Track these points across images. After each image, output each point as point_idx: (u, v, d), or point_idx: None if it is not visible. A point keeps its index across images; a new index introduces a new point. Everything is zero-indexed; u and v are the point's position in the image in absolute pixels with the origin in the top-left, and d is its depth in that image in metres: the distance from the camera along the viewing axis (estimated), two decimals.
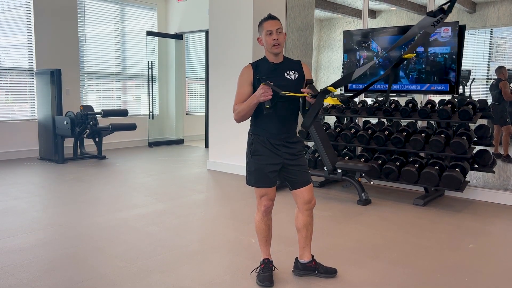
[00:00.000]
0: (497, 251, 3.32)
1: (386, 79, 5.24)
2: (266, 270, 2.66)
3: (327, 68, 7.39)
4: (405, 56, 2.05)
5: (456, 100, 4.80)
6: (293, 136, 2.60)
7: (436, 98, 5.22)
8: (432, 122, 5.09)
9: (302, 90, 2.40)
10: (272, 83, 2.38)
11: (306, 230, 2.67)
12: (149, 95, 8.87)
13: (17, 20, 7.02)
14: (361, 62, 5.56)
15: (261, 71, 2.51)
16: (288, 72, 2.53)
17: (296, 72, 2.54)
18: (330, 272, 2.76)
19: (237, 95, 2.54)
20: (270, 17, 2.49)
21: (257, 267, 2.72)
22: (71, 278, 2.69)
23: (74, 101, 7.66)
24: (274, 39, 2.44)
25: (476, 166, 4.61)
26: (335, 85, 2.28)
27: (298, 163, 2.58)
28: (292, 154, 2.57)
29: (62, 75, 6.85)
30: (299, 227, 2.68)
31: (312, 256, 2.77)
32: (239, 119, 2.52)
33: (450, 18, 5.85)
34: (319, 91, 2.36)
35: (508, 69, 5.35)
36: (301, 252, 2.74)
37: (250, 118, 2.61)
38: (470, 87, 5.74)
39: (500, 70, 5.43)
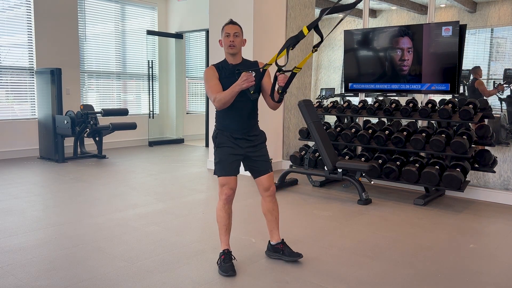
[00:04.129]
0: (497, 251, 3.32)
1: (382, 78, 5.25)
2: (227, 260, 2.80)
3: (328, 67, 7.37)
4: None
5: (456, 99, 4.79)
6: (253, 130, 2.85)
7: (437, 98, 5.22)
8: (433, 121, 5.08)
9: (276, 74, 2.56)
10: (252, 71, 2.60)
11: (271, 215, 2.95)
12: (149, 95, 8.87)
13: (17, 19, 7.02)
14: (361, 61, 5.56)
15: (223, 70, 2.78)
16: (248, 71, 2.77)
17: (253, 72, 2.78)
18: (294, 256, 2.94)
19: (211, 87, 2.75)
20: (231, 22, 2.79)
21: (218, 259, 2.84)
22: (71, 278, 2.69)
23: (74, 100, 7.66)
24: (230, 41, 2.74)
25: (476, 166, 4.60)
26: (309, 26, 2.40)
27: (260, 153, 2.86)
28: (253, 146, 2.83)
29: (63, 74, 6.85)
30: (264, 212, 2.97)
31: (282, 239, 3.01)
32: (221, 106, 2.71)
33: (450, 17, 5.85)
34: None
35: (508, 69, 5.34)
36: (270, 235, 3.02)
37: (215, 117, 2.87)
38: (465, 86, 5.73)
39: (475, 70, 5.49)
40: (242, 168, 2.90)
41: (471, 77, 5.54)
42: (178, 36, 9.21)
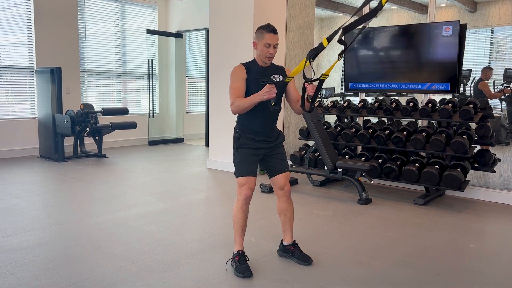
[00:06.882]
0: (497, 251, 3.32)
1: (382, 77, 5.26)
2: (243, 261, 2.78)
3: (328, 67, 7.38)
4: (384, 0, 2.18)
5: (456, 99, 4.79)
6: (273, 131, 2.87)
7: (437, 98, 5.22)
8: (433, 121, 5.08)
9: (304, 85, 2.57)
10: (274, 83, 2.60)
11: (284, 215, 2.96)
12: (149, 94, 8.86)
13: (17, 18, 7.01)
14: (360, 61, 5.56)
15: (252, 72, 2.76)
16: (274, 75, 2.82)
17: (280, 76, 2.84)
18: (303, 260, 2.93)
19: (233, 89, 2.74)
20: (273, 31, 2.71)
21: (231, 259, 2.83)
22: (71, 278, 2.69)
23: (74, 100, 7.65)
24: (270, 52, 2.72)
25: (476, 165, 4.60)
26: (329, 38, 2.42)
27: (278, 152, 2.89)
28: (272, 147, 2.86)
29: (63, 74, 6.84)
30: (279, 212, 2.98)
31: (294, 241, 3.01)
32: (238, 112, 2.75)
33: (451, 17, 5.84)
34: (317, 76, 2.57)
35: (508, 69, 5.33)
36: (284, 235, 3.03)
37: (237, 117, 2.86)
38: (471, 86, 5.73)
39: (484, 70, 5.46)
40: None
41: (479, 75, 5.50)
42: (178, 35, 9.20)
